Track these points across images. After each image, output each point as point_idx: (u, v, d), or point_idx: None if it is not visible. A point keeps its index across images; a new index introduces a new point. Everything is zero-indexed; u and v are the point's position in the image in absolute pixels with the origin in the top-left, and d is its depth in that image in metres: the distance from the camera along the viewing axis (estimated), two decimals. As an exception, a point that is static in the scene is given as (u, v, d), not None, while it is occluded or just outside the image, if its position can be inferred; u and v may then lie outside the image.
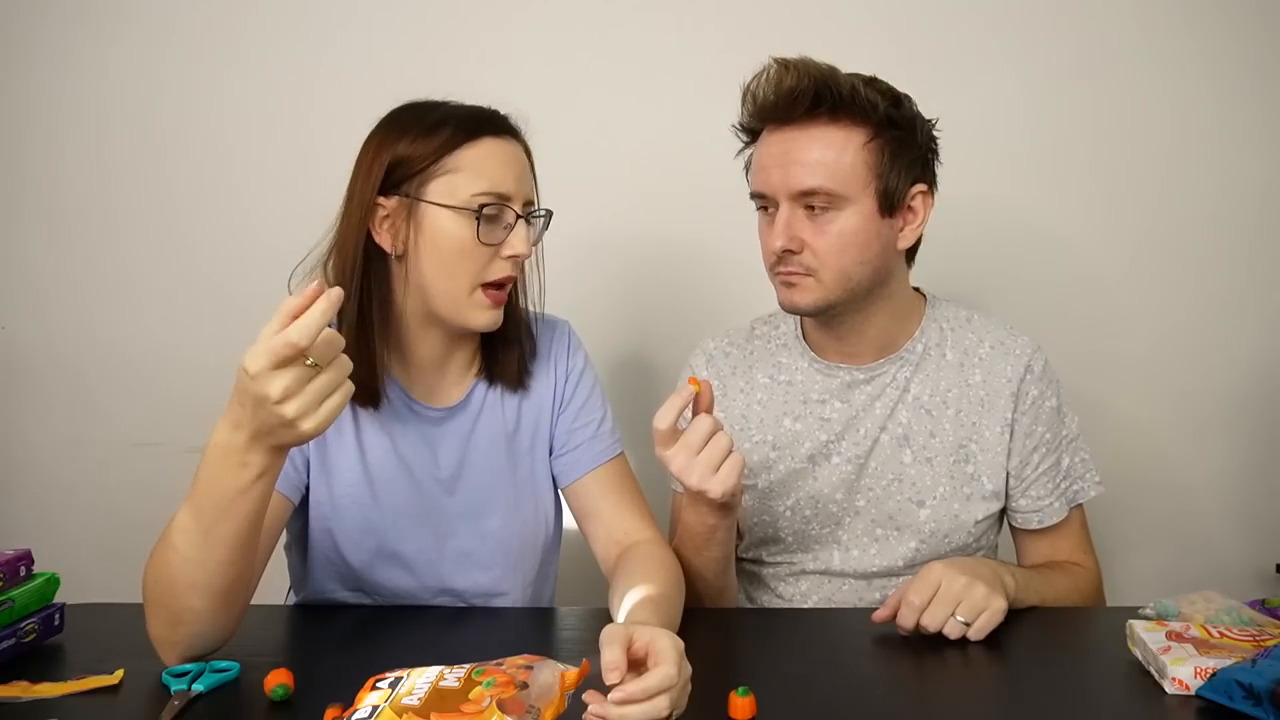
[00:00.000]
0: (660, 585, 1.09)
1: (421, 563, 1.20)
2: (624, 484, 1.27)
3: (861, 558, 1.32)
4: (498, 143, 1.13)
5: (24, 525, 1.80)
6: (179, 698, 0.90)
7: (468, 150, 1.11)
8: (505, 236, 1.12)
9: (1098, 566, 1.36)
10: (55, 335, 1.82)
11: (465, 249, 1.11)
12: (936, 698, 0.95)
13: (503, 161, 1.13)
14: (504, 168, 1.12)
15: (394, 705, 0.74)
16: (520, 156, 1.15)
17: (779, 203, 1.23)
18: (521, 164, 1.15)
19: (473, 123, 1.13)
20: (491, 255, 1.12)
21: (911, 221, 1.27)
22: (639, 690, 0.79)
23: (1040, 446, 1.31)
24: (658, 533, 1.25)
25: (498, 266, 1.13)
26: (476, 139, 1.12)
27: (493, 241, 1.11)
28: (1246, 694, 0.86)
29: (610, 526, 1.23)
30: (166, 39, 1.76)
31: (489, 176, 1.11)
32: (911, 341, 1.32)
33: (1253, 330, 1.77)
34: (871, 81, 1.23)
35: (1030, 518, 1.32)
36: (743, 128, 1.30)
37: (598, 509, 1.24)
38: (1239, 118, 1.73)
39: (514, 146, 1.15)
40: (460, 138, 1.11)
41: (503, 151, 1.13)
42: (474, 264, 1.11)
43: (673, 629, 1.01)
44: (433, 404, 1.21)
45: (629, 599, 1.05)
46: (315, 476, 1.17)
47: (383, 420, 1.18)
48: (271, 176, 1.78)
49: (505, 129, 1.15)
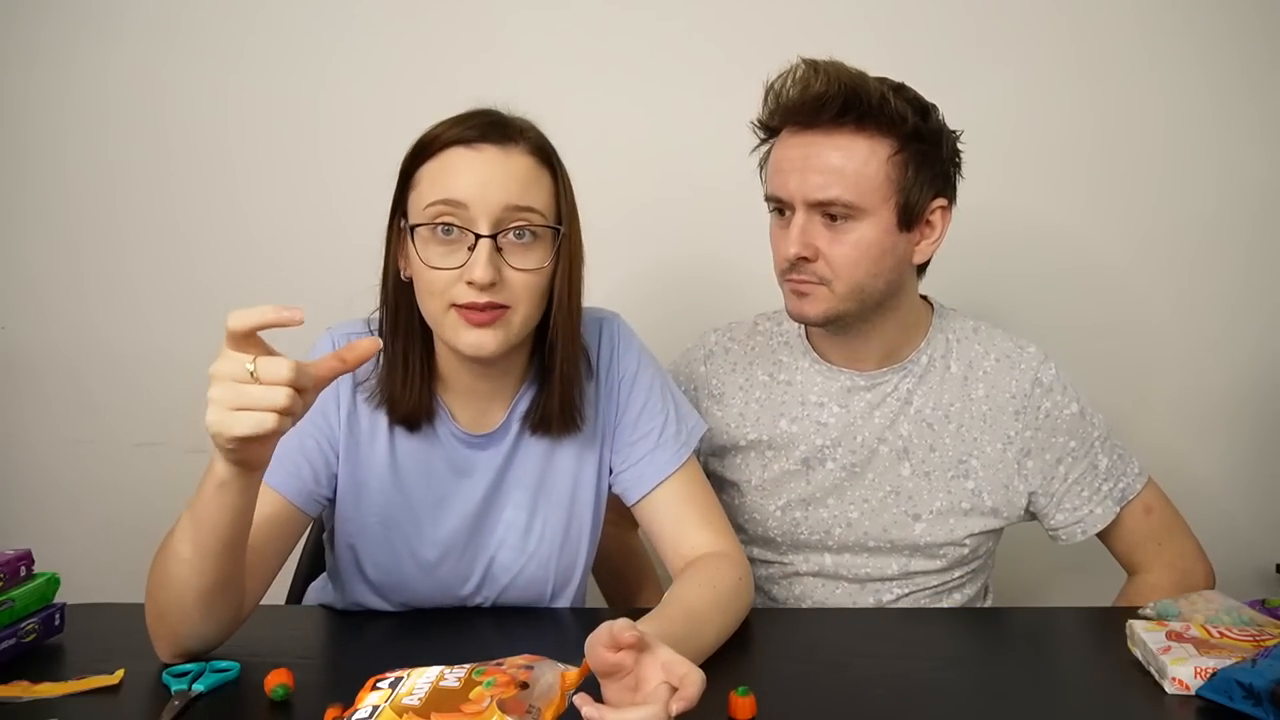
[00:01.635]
0: (694, 597, 1.03)
1: (443, 589, 1.17)
2: (691, 494, 1.17)
3: (854, 562, 1.32)
4: (462, 151, 1.03)
5: (24, 525, 1.80)
6: (179, 698, 0.90)
7: (427, 166, 1.04)
8: (469, 258, 1.01)
9: (1204, 564, 1.33)
10: (55, 335, 1.81)
11: (423, 271, 1.03)
12: (936, 698, 0.95)
13: (463, 168, 1.02)
14: (458, 175, 1.01)
15: (394, 705, 0.74)
16: (498, 162, 1.02)
17: (795, 208, 1.20)
18: (496, 170, 1.02)
19: (443, 133, 1.04)
20: (457, 278, 1.01)
21: (929, 236, 1.25)
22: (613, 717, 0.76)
23: (1066, 457, 1.29)
24: (727, 543, 1.15)
25: (460, 290, 1.01)
26: (439, 153, 1.03)
27: (446, 265, 1.01)
28: (1246, 694, 0.86)
29: (676, 544, 1.15)
30: (169, 41, 1.76)
31: (441, 186, 1.02)
32: (916, 353, 1.31)
33: (1252, 330, 1.77)
34: (900, 89, 1.20)
35: (1074, 530, 1.30)
36: (761, 125, 1.26)
37: (662, 529, 1.16)
38: (1238, 117, 1.73)
39: (489, 153, 1.03)
40: (426, 151, 1.04)
41: (465, 159, 1.02)
42: (439, 283, 1.02)
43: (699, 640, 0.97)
44: (471, 430, 1.15)
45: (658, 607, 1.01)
46: (344, 493, 1.13)
47: (420, 443, 1.14)
48: (272, 179, 1.78)
49: (482, 138, 1.03)
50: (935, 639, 1.11)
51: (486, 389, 1.14)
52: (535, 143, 1.06)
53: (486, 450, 1.16)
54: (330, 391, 1.08)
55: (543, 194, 1.05)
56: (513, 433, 1.16)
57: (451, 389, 1.14)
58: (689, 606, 1.02)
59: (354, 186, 1.75)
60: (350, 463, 1.12)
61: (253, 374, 0.80)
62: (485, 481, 1.16)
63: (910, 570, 1.31)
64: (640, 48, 1.74)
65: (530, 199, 1.03)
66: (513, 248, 1.03)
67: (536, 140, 1.07)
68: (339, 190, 1.77)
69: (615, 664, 0.81)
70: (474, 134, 1.04)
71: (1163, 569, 1.32)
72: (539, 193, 1.04)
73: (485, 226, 1.01)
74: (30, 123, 1.78)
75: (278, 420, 0.81)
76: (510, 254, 1.03)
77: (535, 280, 1.04)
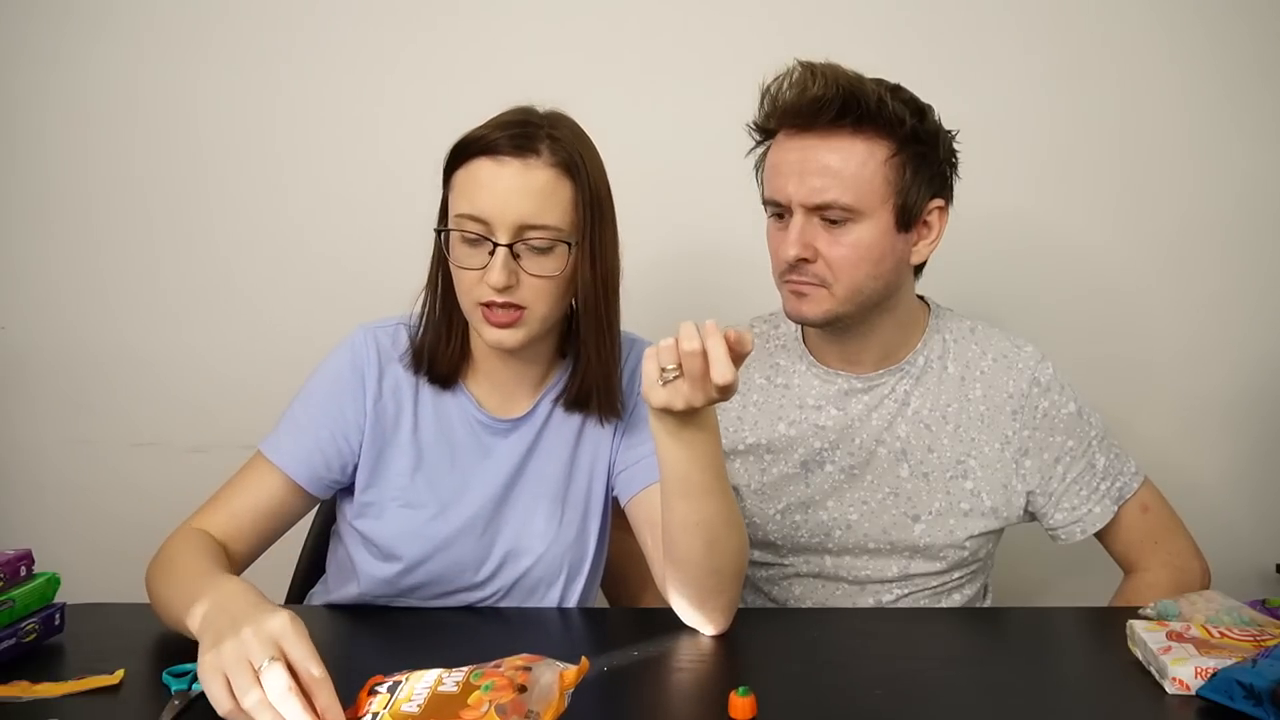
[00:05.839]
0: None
1: (455, 574, 1.18)
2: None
3: (853, 564, 1.32)
4: (487, 163, 1.08)
5: (24, 525, 1.80)
6: (179, 698, 0.90)
7: (460, 173, 1.10)
8: (489, 261, 1.07)
9: (1199, 562, 1.33)
10: (55, 335, 1.81)
11: (454, 268, 1.11)
12: (936, 698, 0.95)
13: (486, 182, 1.07)
14: (481, 190, 1.08)
15: (393, 712, 0.74)
16: (519, 179, 1.07)
17: (793, 211, 1.21)
18: (515, 188, 1.07)
19: (475, 139, 1.09)
20: (480, 278, 1.08)
21: (926, 236, 1.25)
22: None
23: (1064, 456, 1.29)
24: None
25: (483, 289, 1.08)
26: (469, 160, 1.09)
27: (471, 266, 1.08)
28: (1247, 694, 0.86)
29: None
30: (170, 39, 1.76)
31: (467, 198, 1.08)
32: (913, 354, 1.31)
33: (1252, 330, 1.77)
34: (897, 91, 1.20)
35: (1073, 530, 1.31)
36: (757, 127, 1.27)
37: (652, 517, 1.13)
38: (1238, 117, 1.73)
39: (512, 168, 1.07)
40: (461, 156, 1.10)
41: (489, 173, 1.07)
42: (465, 281, 1.10)
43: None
44: (498, 415, 1.19)
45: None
46: (364, 474, 1.17)
47: (445, 426, 1.18)
48: (274, 178, 1.78)
49: (509, 148, 1.07)
50: (935, 639, 1.11)
51: (513, 374, 1.19)
52: (559, 154, 1.08)
53: (510, 436, 1.19)
54: (355, 381, 1.16)
55: (560, 207, 1.08)
56: (539, 421, 1.19)
57: (480, 371, 1.19)
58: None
59: (360, 187, 1.77)
60: (375, 446, 1.16)
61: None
62: (509, 466, 1.19)
63: (910, 572, 1.31)
64: (639, 48, 1.74)
65: (545, 216, 1.08)
66: (529, 255, 1.08)
67: (561, 149, 1.09)
68: (337, 189, 1.78)
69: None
70: (502, 143, 1.08)
71: (1160, 567, 1.32)
72: (555, 207, 1.08)
73: (503, 238, 1.07)
74: (30, 122, 1.78)
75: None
76: (527, 260, 1.08)
77: (550, 285, 1.09)
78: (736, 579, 1.07)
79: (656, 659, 1.03)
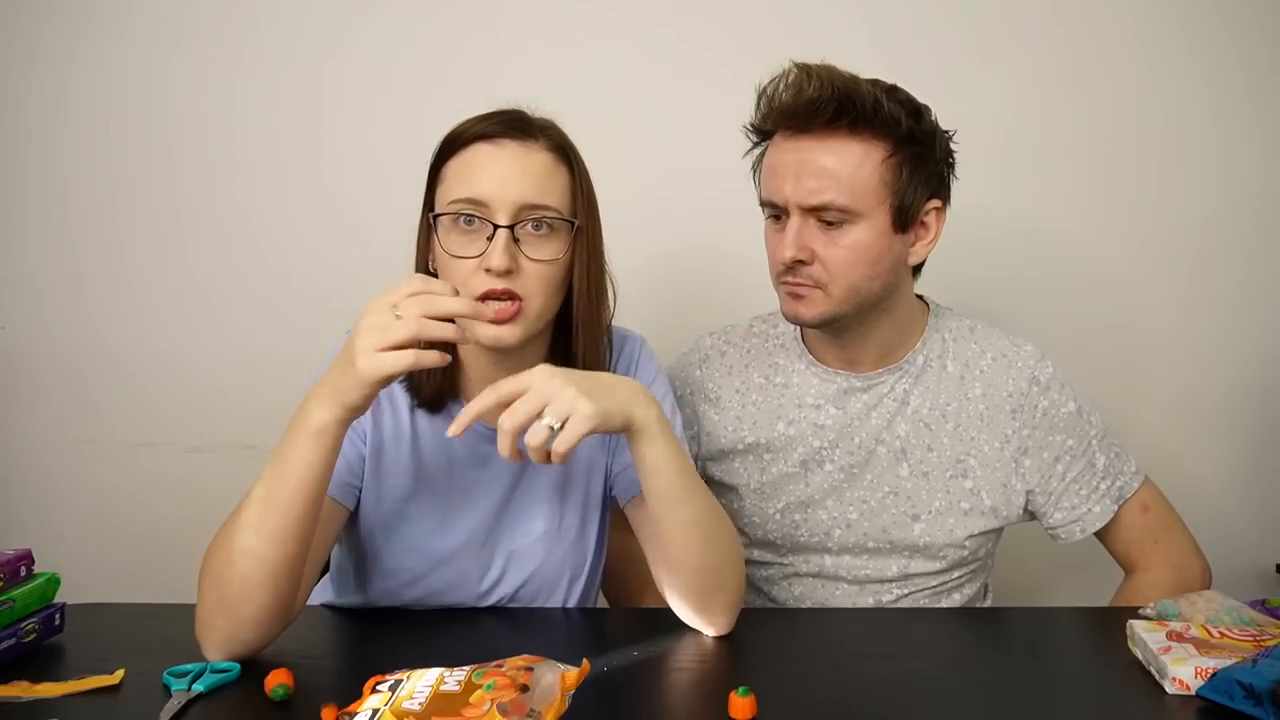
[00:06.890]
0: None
1: (461, 580, 1.18)
2: None
3: (853, 563, 1.32)
4: (485, 147, 1.07)
5: (24, 525, 1.80)
6: (179, 698, 0.90)
7: (453, 162, 1.09)
8: (487, 247, 1.05)
9: (1200, 561, 1.32)
10: (55, 335, 1.81)
11: (446, 260, 1.07)
12: (936, 698, 0.95)
13: (484, 165, 1.06)
14: (478, 172, 1.06)
15: (394, 709, 0.74)
16: (517, 159, 1.07)
17: (790, 213, 1.20)
18: (515, 167, 1.06)
19: (468, 130, 1.09)
20: (476, 267, 1.06)
21: (924, 237, 1.25)
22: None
23: (1064, 455, 1.29)
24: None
25: (479, 280, 1.05)
26: (463, 148, 1.08)
27: (467, 254, 1.05)
28: (1247, 694, 0.86)
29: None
30: (170, 40, 1.76)
31: (464, 183, 1.06)
32: (912, 353, 1.31)
33: (1251, 330, 1.77)
34: (893, 92, 1.20)
35: (1073, 529, 1.30)
36: (754, 129, 1.27)
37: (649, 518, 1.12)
38: (1237, 118, 1.73)
39: (510, 149, 1.07)
40: (452, 147, 1.09)
41: (486, 156, 1.07)
42: (460, 272, 1.06)
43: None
44: (494, 424, 1.12)
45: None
46: (368, 482, 1.15)
47: (442, 435, 1.15)
48: (273, 179, 1.78)
49: (504, 134, 1.08)
50: (935, 639, 1.11)
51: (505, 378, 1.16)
52: (555, 140, 1.10)
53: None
54: None
55: (559, 190, 1.09)
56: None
57: (472, 381, 1.16)
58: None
59: (358, 187, 1.77)
60: (375, 455, 1.15)
61: (398, 317, 0.91)
62: (508, 474, 1.18)
63: (910, 571, 1.31)
64: (638, 48, 1.75)
65: (546, 196, 1.07)
66: (529, 238, 1.07)
67: (556, 138, 1.11)
68: (341, 192, 1.78)
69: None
70: (497, 130, 1.08)
71: (1160, 567, 1.32)
72: (555, 189, 1.08)
73: (504, 219, 1.05)
74: (30, 123, 1.78)
75: (424, 356, 0.92)
76: (527, 244, 1.07)
77: (550, 271, 1.08)
78: (736, 575, 1.07)
79: (656, 659, 1.03)
